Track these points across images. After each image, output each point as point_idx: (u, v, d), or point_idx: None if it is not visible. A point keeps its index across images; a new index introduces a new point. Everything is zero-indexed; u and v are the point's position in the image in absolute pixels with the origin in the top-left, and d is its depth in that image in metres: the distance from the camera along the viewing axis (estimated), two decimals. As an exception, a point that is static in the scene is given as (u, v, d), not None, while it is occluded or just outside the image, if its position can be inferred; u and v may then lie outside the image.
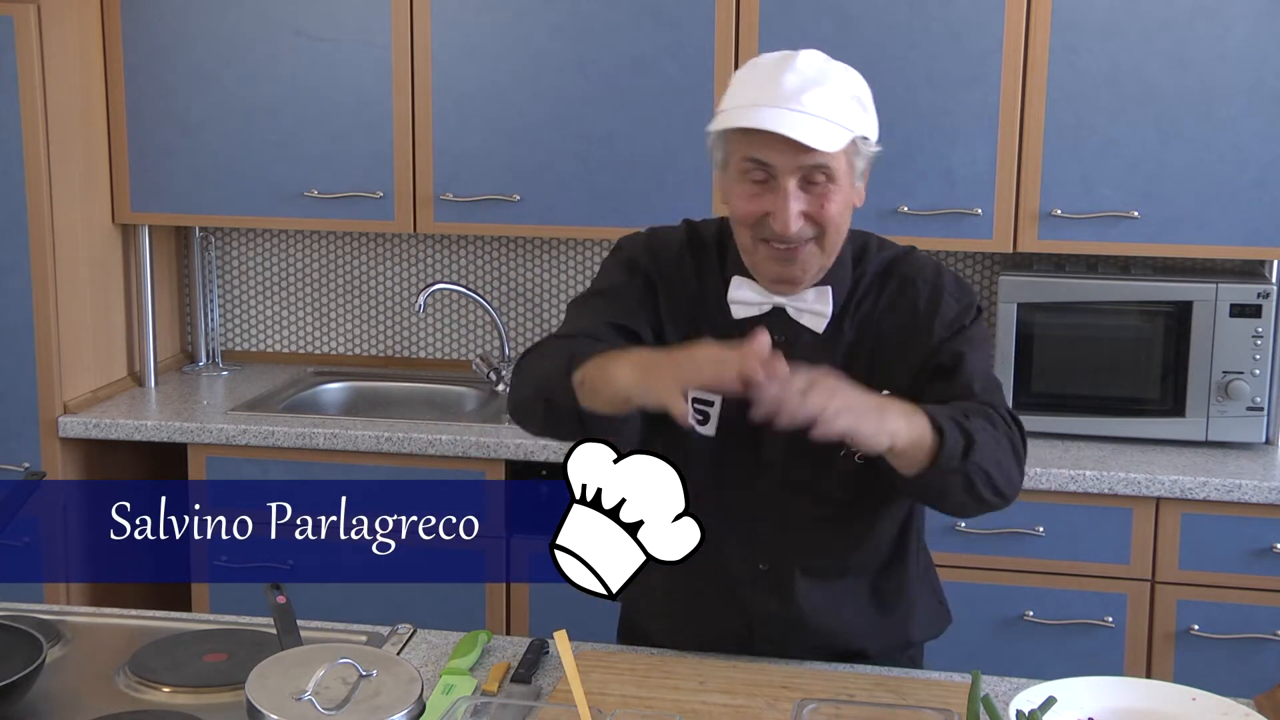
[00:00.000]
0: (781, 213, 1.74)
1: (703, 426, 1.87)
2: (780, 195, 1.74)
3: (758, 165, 1.75)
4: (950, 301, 1.87)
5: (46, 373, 3.19)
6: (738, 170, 1.78)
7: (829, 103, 1.75)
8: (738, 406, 1.82)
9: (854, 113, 1.78)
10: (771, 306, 1.86)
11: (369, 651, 1.63)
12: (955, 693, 1.77)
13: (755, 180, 1.76)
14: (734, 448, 1.87)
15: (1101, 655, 2.88)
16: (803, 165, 1.74)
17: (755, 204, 1.76)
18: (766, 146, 1.73)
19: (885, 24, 3.03)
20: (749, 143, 1.74)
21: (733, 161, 1.79)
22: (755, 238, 1.79)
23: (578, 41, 3.15)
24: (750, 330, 1.78)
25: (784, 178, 1.74)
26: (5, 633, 1.76)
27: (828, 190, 1.76)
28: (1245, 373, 2.98)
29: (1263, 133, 2.94)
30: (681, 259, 1.92)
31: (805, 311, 1.85)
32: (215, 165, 3.35)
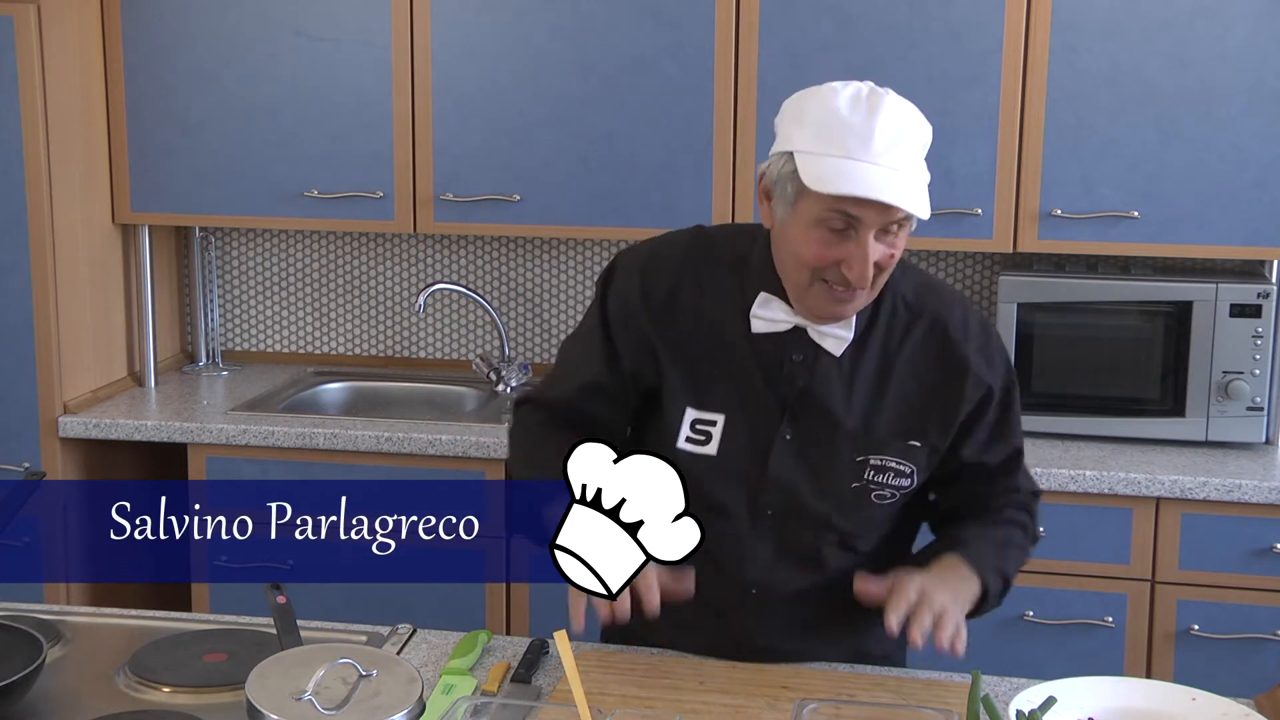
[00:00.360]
0: (861, 265, 1.71)
1: (702, 447, 1.87)
2: (860, 247, 1.70)
3: (845, 217, 1.70)
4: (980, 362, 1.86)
5: (46, 373, 3.19)
6: (816, 217, 1.71)
7: (915, 160, 1.73)
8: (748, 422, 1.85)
9: (924, 162, 1.76)
10: (793, 325, 1.83)
11: (369, 651, 1.63)
12: (955, 693, 1.77)
13: (833, 229, 1.71)
14: (738, 467, 1.86)
15: (1101, 655, 2.88)
16: (887, 221, 1.71)
17: (830, 251, 1.72)
18: (859, 203, 1.68)
19: (885, 24, 3.03)
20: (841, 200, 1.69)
21: (810, 207, 1.72)
22: (815, 278, 1.75)
23: (578, 42, 3.15)
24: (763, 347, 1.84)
25: (867, 231, 1.70)
26: (5, 633, 1.76)
27: (898, 238, 1.74)
28: (1245, 373, 2.98)
29: (1263, 133, 2.94)
30: (682, 280, 1.89)
31: (827, 335, 1.83)
32: (215, 165, 3.35)
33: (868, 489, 1.85)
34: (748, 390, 1.85)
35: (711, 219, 3.12)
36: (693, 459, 1.85)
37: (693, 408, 1.87)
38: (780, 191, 1.76)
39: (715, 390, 1.86)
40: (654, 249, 1.94)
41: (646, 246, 1.95)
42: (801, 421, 1.84)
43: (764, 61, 3.08)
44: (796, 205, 1.73)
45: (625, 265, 1.92)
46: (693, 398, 1.87)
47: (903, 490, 1.87)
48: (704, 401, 1.86)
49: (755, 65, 3.07)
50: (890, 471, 1.85)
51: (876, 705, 1.73)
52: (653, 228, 3.17)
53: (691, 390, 1.87)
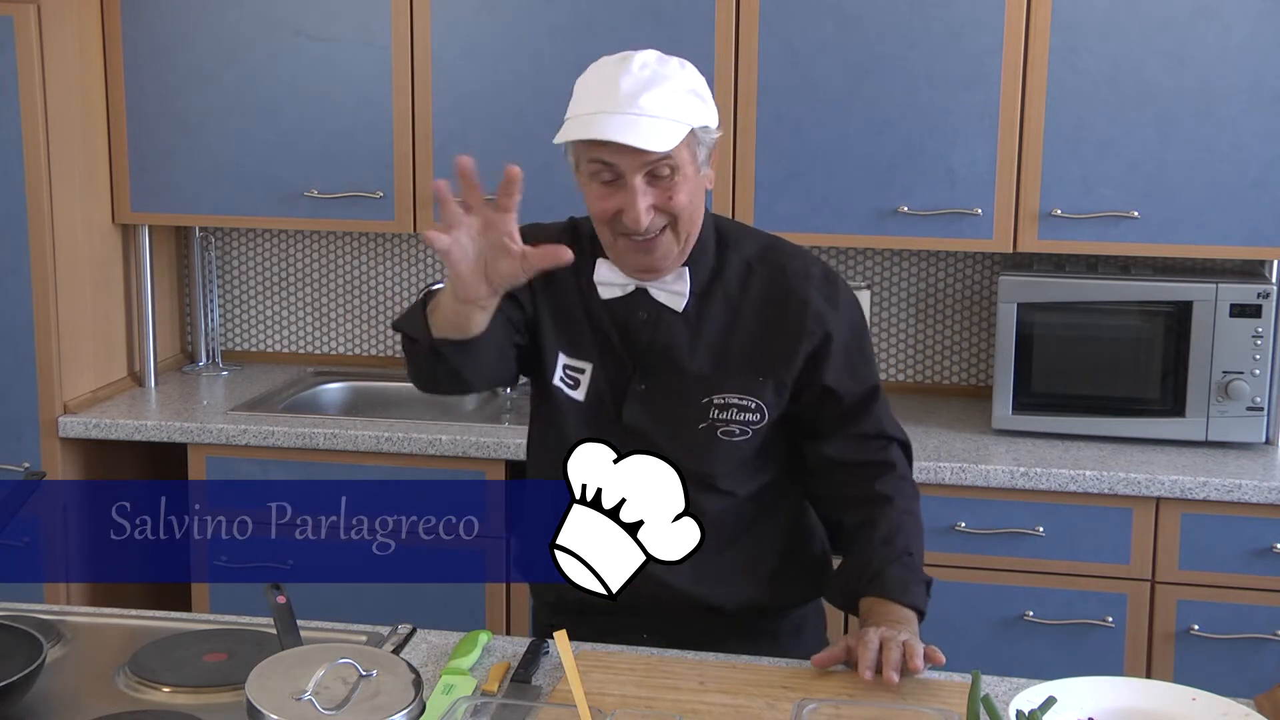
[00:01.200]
0: (631, 209, 1.85)
1: (573, 391, 2.01)
2: (629, 192, 1.85)
3: (604, 166, 1.86)
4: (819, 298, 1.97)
5: (46, 373, 3.19)
6: (588, 173, 1.89)
7: (665, 101, 1.84)
8: (607, 374, 1.99)
9: (692, 106, 1.87)
10: (635, 287, 1.97)
11: (369, 651, 1.63)
12: (955, 693, 1.77)
13: (604, 181, 1.87)
14: (600, 413, 1.99)
15: (1101, 655, 2.88)
16: (646, 162, 1.84)
17: (608, 202, 1.88)
18: (609, 150, 1.83)
19: (885, 24, 3.04)
20: (593, 147, 1.85)
21: (582, 165, 1.90)
22: (614, 233, 1.91)
23: (578, 42, 3.15)
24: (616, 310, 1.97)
25: (630, 176, 1.84)
26: (5, 633, 1.76)
27: (674, 182, 1.86)
28: (1245, 373, 2.98)
29: (1263, 133, 2.95)
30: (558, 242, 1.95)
31: (665, 291, 1.96)
32: (215, 165, 3.35)
33: (714, 427, 1.97)
34: (607, 347, 1.99)
35: (711, 219, 3.11)
36: (566, 400, 2.01)
37: (564, 354, 2.01)
38: (570, 161, 1.94)
39: (583, 342, 2.00)
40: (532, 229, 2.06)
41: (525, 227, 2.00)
42: (651, 374, 1.97)
43: (764, 61, 3.08)
44: (577, 167, 1.92)
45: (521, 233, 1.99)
46: (564, 345, 2.01)
47: (752, 426, 1.97)
48: (574, 350, 2.01)
49: (755, 65, 3.08)
50: (733, 408, 1.96)
51: (876, 705, 1.73)
52: (653, 228, 3.19)
53: (564, 337, 2.01)
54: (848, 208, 3.09)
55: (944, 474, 2.87)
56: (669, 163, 1.85)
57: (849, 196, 3.09)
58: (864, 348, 2.03)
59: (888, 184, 3.09)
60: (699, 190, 1.92)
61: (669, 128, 1.83)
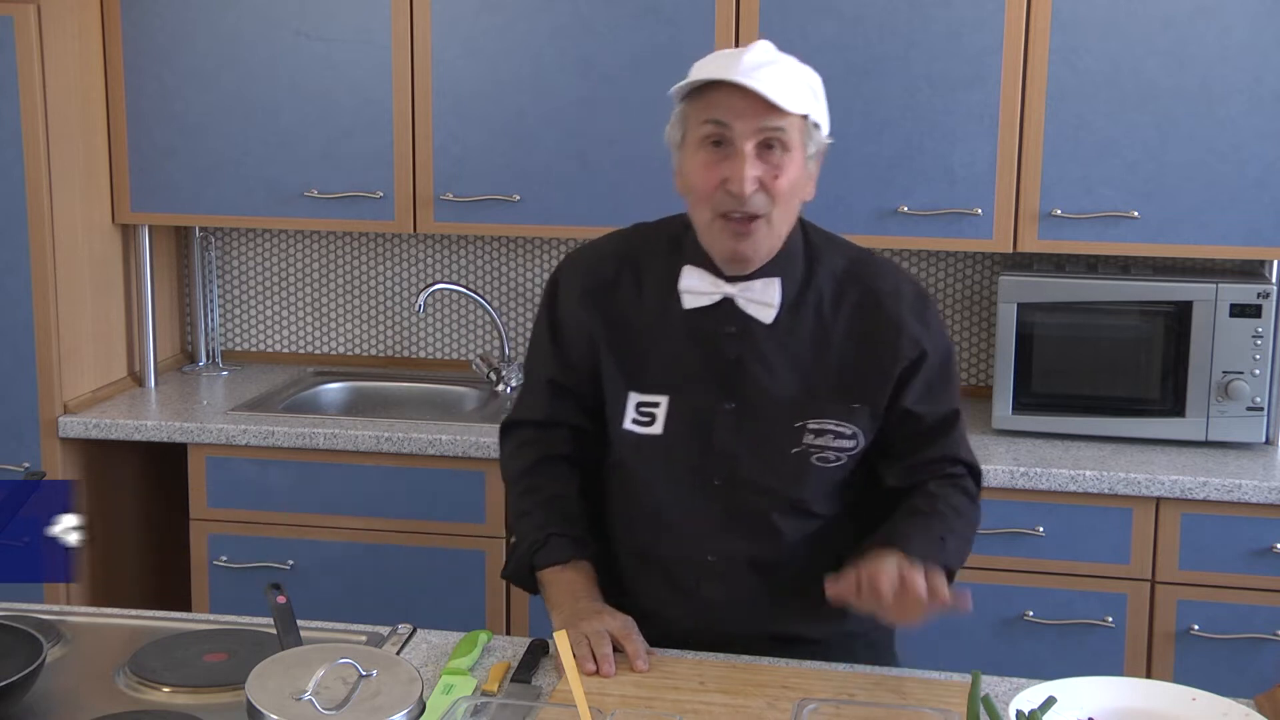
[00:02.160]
0: (738, 174, 1.79)
1: (648, 428, 1.94)
2: (737, 159, 1.80)
3: (717, 127, 1.80)
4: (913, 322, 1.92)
5: (46, 373, 3.19)
6: (696, 140, 1.83)
7: (786, 80, 1.81)
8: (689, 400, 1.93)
9: (809, 98, 1.85)
10: (721, 297, 1.91)
11: (369, 651, 1.63)
12: (955, 693, 1.77)
13: (713, 145, 1.81)
14: (680, 443, 1.93)
15: (1101, 655, 2.88)
16: (761, 128, 1.79)
17: (713, 171, 1.81)
18: (725, 107, 1.79)
19: (885, 24, 3.03)
20: (708, 106, 1.80)
21: (691, 130, 1.84)
22: (714, 212, 1.84)
23: (578, 41, 3.15)
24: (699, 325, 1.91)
25: (741, 141, 1.79)
26: (5, 633, 1.76)
27: (782, 161, 1.81)
28: (1245, 373, 2.98)
29: (1263, 133, 2.94)
30: (622, 269, 1.99)
31: (753, 302, 1.91)
32: (215, 165, 3.35)
33: (808, 453, 1.91)
34: (687, 369, 1.93)
35: (711, 219, 3.11)
36: (639, 439, 1.94)
37: (635, 391, 1.95)
38: (673, 141, 1.89)
39: (656, 373, 1.94)
40: (593, 247, 2.05)
41: (586, 247, 2.06)
42: (739, 393, 1.91)
43: (764, 61, 3.07)
44: (684, 140, 1.86)
45: (567, 269, 2.04)
46: (634, 381, 1.95)
47: (846, 452, 1.92)
48: (645, 385, 1.95)
49: (755, 65, 3.07)
50: (830, 434, 1.91)
51: (876, 705, 1.73)
52: (653, 228, 3.18)
53: (633, 374, 1.95)
54: (847, 208, 3.09)
55: (944, 474, 2.86)
56: (781, 136, 1.80)
57: (849, 196, 3.09)
58: (950, 372, 1.97)
59: (888, 184, 3.08)
60: (800, 186, 1.86)
61: (790, 98, 1.79)
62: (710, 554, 1.95)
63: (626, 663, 1.84)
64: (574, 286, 2.01)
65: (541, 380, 2.05)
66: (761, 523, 1.94)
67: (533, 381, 2.08)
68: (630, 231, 2.06)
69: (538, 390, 2.06)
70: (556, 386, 2.04)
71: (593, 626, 1.85)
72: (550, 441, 2.05)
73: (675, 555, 1.97)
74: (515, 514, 2.06)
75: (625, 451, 1.98)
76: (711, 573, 1.96)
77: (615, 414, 1.98)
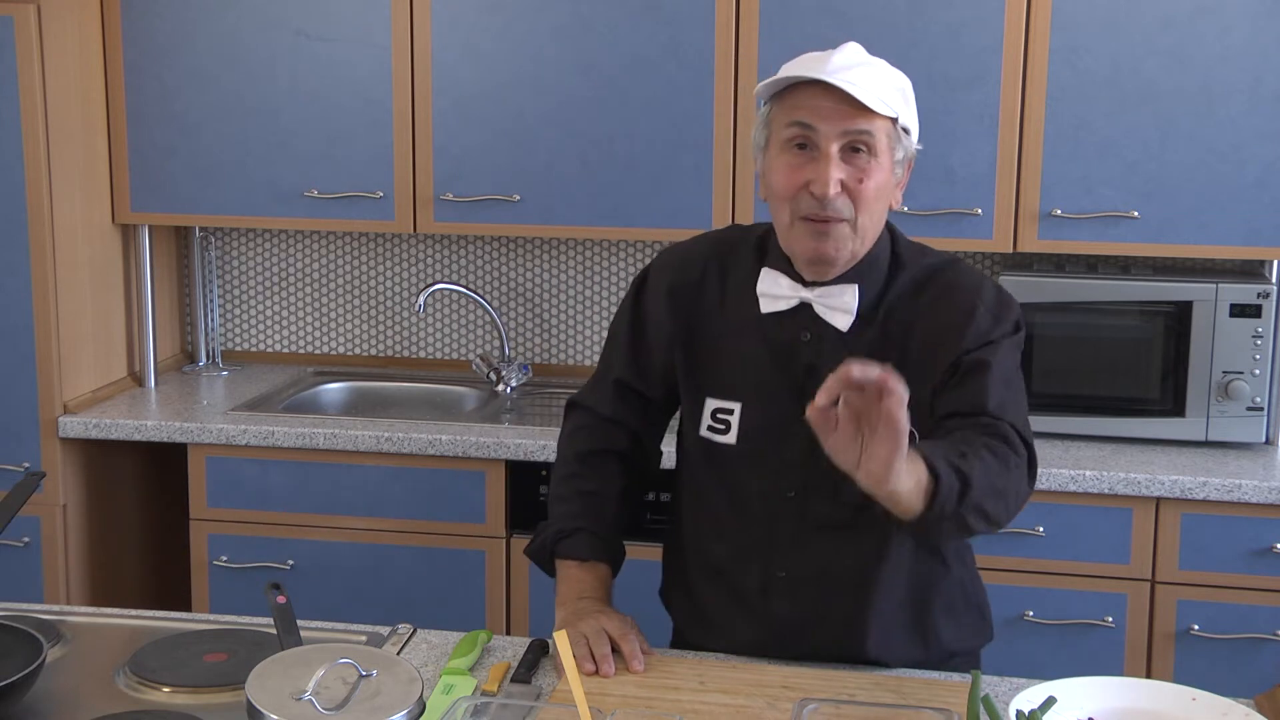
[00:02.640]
0: (822, 175, 1.76)
1: (723, 436, 1.91)
2: (822, 161, 1.76)
3: (802, 130, 1.77)
4: (985, 314, 1.84)
5: (46, 373, 3.18)
6: (781, 142, 1.80)
7: (874, 80, 1.78)
8: (762, 409, 1.88)
9: (897, 99, 1.81)
10: (799, 302, 1.87)
11: (369, 651, 1.63)
12: (955, 693, 1.77)
13: (798, 147, 1.78)
14: (755, 452, 1.89)
15: (1101, 655, 2.88)
16: (847, 130, 1.76)
17: (797, 175, 1.78)
18: (811, 109, 1.76)
19: (885, 24, 3.04)
20: (795, 108, 1.77)
21: (776, 132, 1.81)
22: (794, 214, 1.80)
23: (578, 42, 3.15)
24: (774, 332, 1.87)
25: (827, 143, 1.76)
26: (5, 633, 1.76)
27: (868, 165, 1.78)
28: (1245, 373, 2.98)
29: (1263, 133, 2.94)
30: (708, 268, 1.97)
31: (831, 309, 1.86)
32: (215, 165, 3.35)
33: None
34: (761, 375, 1.89)
35: (711, 219, 3.12)
36: (715, 448, 1.92)
37: (712, 397, 1.93)
38: (756, 143, 1.86)
39: (732, 378, 1.91)
40: (684, 246, 2.03)
41: (679, 246, 2.05)
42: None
43: (764, 61, 3.08)
44: (768, 143, 1.83)
45: (658, 267, 2.03)
46: (711, 387, 1.93)
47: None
48: (721, 390, 1.92)
49: (755, 65, 3.07)
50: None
51: (876, 705, 1.73)
52: (653, 227, 3.19)
53: (710, 380, 1.93)
54: (848, 208, 3.08)
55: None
56: (867, 139, 1.76)
57: (849, 196, 3.09)
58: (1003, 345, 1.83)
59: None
60: (886, 191, 1.81)
61: (877, 99, 1.75)
62: (780, 569, 1.91)
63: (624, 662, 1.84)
64: (660, 285, 1.99)
65: (611, 377, 2.05)
66: (835, 537, 1.88)
67: (603, 373, 2.08)
68: (724, 232, 2.04)
69: (606, 385, 2.06)
70: (624, 387, 2.04)
71: (590, 626, 1.85)
72: (608, 436, 2.05)
73: (744, 569, 1.93)
74: (554, 497, 2.05)
75: (699, 459, 1.96)
76: (781, 588, 1.91)
77: (691, 420, 1.96)
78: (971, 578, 2.02)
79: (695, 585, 2.02)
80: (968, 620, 1.99)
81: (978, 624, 2.02)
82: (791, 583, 1.91)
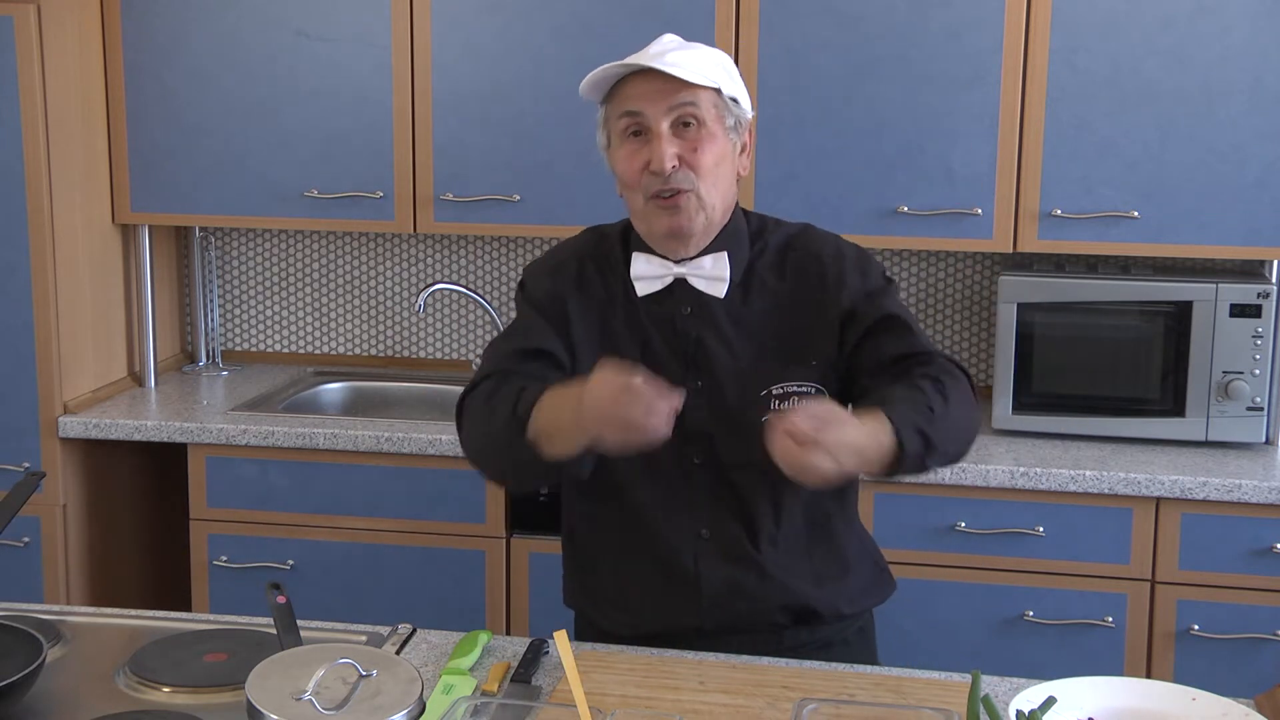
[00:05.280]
0: (657, 152, 1.86)
1: None
2: (654, 140, 1.87)
3: (632, 118, 1.88)
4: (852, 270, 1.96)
5: (46, 373, 3.19)
6: (617, 134, 1.91)
7: (692, 60, 1.88)
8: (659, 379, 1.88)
9: (720, 74, 1.90)
10: (673, 279, 1.95)
11: (369, 651, 1.63)
12: (955, 693, 1.77)
13: (633, 134, 1.89)
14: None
15: (1101, 655, 2.88)
16: (672, 107, 1.86)
17: (636, 159, 1.88)
18: (635, 97, 1.87)
19: (885, 24, 3.04)
20: (623, 100, 1.89)
21: (611, 127, 1.92)
22: (644, 195, 1.89)
23: (578, 42, 3.15)
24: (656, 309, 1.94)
25: (657, 123, 1.86)
26: (5, 633, 1.76)
27: (699, 136, 1.87)
28: (1245, 373, 2.98)
29: (1263, 133, 2.95)
30: (583, 264, 2.02)
31: (704, 278, 1.94)
32: (215, 165, 3.35)
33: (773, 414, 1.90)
34: (653, 354, 1.95)
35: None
36: None
37: None
38: (601, 146, 1.97)
39: (626, 357, 1.93)
40: (554, 251, 2.09)
41: (544, 255, 2.10)
42: (705, 370, 1.94)
43: (764, 61, 3.08)
44: (609, 140, 1.94)
45: (533, 270, 2.06)
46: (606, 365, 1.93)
47: None
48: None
49: (755, 65, 3.08)
50: (793, 396, 1.93)
51: (876, 705, 1.73)
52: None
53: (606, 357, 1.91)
54: (848, 208, 3.09)
55: (944, 474, 2.86)
56: (694, 112, 1.87)
57: (849, 196, 3.09)
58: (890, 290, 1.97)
59: (888, 184, 3.08)
60: (726, 158, 1.91)
61: (695, 73, 1.85)
62: (703, 529, 1.96)
63: (626, 664, 1.84)
64: (542, 285, 2.02)
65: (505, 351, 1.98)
66: (747, 494, 1.95)
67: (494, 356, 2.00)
68: (585, 234, 2.10)
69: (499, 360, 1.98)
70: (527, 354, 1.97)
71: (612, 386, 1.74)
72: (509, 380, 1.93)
73: (668, 540, 1.97)
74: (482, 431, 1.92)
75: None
76: (707, 549, 1.96)
77: None
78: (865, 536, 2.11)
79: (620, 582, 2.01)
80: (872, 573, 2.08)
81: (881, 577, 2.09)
82: (716, 543, 1.96)
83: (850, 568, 2.03)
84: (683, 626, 1.97)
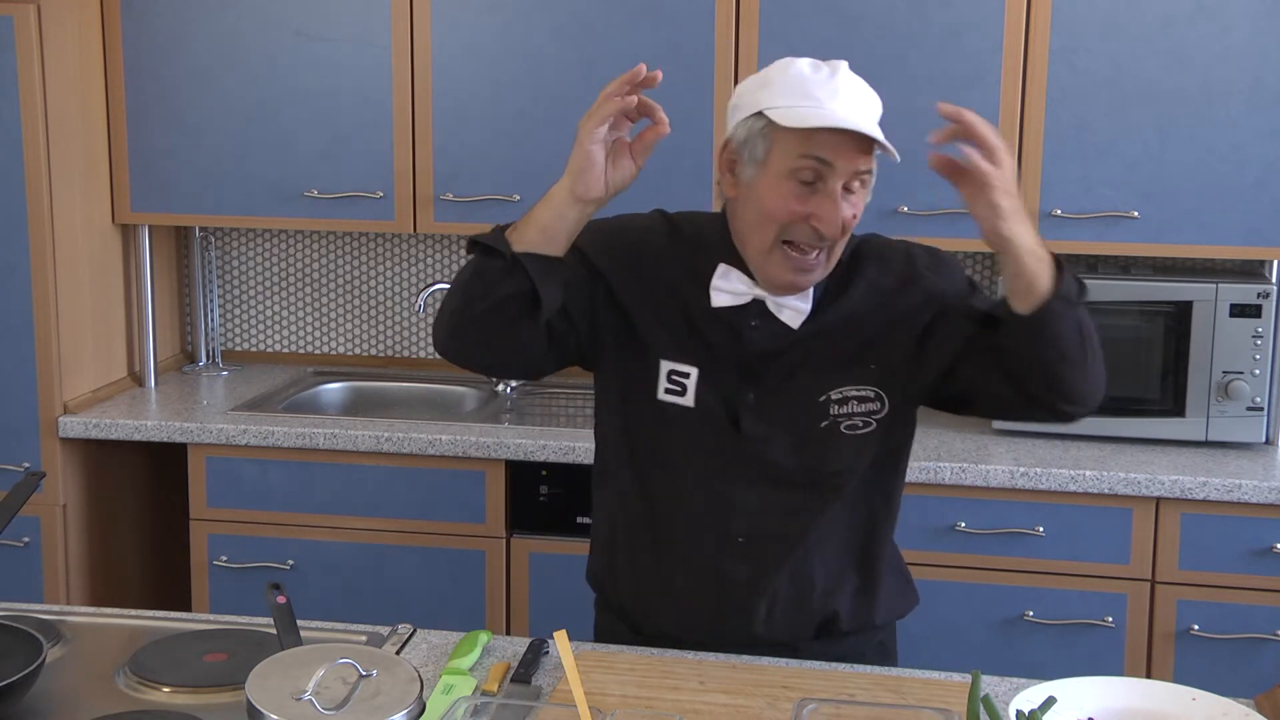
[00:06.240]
0: (832, 214, 1.76)
1: (680, 397, 1.92)
2: (829, 197, 1.76)
3: (817, 164, 1.76)
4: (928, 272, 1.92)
5: (46, 373, 3.19)
6: (787, 169, 1.77)
7: (875, 112, 1.82)
8: (713, 382, 1.90)
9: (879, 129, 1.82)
10: (752, 299, 1.88)
11: (369, 651, 1.63)
12: (955, 693, 1.77)
13: (803, 180, 1.77)
14: (711, 419, 1.90)
15: (1101, 655, 2.88)
16: (858, 171, 1.77)
17: (801, 205, 1.77)
18: (831, 147, 1.75)
19: (885, 24, 3.04)
20: (811, 142, 1.75)
21: (781, 159, 1.77)
22: (779, 237, 1.80)
23: (578, 42, 3.15)
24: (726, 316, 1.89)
25: (836, 180, 1.76)
26: (5, 633, 1.76)
27: (860, 199, 1.80)
28: (1245, 373, 2.98)
29: (1263, 133, 2.95)
30: (643, 246, 1.95)
31: (785, 308, 1.88)
32: (215, 165, 3.35)
33: (836, 424, 1.89)
34: (714, 349, 1.90)
35: (711, 219, 3.11)
36: (673, 409, 1.91)
37: (666, 359, 1.91)
38: (749, 153, 1.81)
39: (686, 344, 1.91)
40: (616, 219, 2.01)
41: (609, 219, 2.00)
42: (761, 382, 1.89)
43: (764, 62, 3.05)
44: (767, 161, 1.79)
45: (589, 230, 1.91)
46: (665, 350, 1.91)
47: (874, 416, 1.90)
48: (676, 354, 1.91)
49: (755, 65, 3.07)
50: (852, 400, 1.89)
51: (876, 705, 1.73)
52: (653, 228, 3.18)
53: (664, 344, 1.92)
54: (848, 208, 3.08)
55: (944, 474, 2.87)
56: (867, 176, 1.79)
57: (849, 196, 3.09)
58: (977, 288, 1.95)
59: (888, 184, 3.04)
60: None
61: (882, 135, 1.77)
62: (740, 535, 1.92)
63: (626, 664, 1.84)
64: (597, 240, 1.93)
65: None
66: (792, 502, 1.91)
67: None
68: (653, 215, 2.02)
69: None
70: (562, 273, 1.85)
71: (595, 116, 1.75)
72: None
73: (700, 536, 1.93)
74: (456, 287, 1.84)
75: (654, 426, 1.92)
76: (737, 552, 1.93)
77: (650, 382, 1.92)
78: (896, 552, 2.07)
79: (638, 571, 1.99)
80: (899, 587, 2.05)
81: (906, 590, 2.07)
82: (748, 546, 1.93)
83: (881, 579, 2.00)
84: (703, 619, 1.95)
